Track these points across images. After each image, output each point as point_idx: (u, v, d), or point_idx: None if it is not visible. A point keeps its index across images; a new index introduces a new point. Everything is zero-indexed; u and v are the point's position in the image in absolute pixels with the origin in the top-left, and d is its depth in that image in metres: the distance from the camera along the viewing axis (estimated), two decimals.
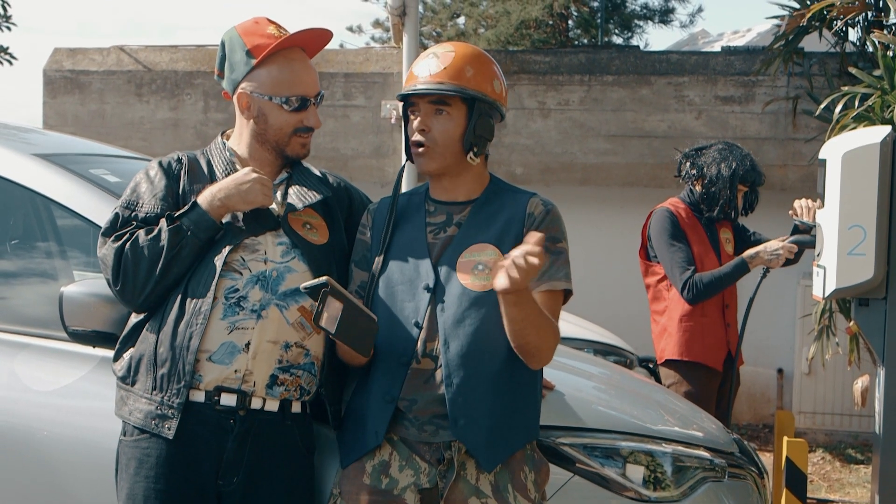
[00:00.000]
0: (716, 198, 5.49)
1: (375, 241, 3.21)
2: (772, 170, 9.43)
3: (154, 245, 3.10)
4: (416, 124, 3.13)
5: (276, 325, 3.13)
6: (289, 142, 3.33)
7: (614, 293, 9.44)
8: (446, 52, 3.14)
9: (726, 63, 9.70)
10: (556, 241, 3.11)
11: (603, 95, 9.73)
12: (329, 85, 10.02)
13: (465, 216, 3.14)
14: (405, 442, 3.04)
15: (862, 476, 7.92)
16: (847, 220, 4.43)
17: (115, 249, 3.12)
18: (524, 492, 3.02)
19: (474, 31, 18.59)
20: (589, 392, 4.06)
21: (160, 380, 3.08)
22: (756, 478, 3.87)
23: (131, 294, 3.13)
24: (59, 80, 10.46)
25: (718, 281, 5.35)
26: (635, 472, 3.43)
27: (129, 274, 3.10)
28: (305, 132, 3.35)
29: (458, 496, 2.99)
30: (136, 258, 3.09)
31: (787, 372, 9.54)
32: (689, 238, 5.45)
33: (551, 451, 3.33)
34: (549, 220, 3.11)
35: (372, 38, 24.02)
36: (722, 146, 5.59)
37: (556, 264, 3.09)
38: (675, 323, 5.46)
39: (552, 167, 9.83)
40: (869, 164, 4.41)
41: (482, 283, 3.02)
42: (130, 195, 3.25)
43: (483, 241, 3.08)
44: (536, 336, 2.96)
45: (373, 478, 3.03)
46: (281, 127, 3.30)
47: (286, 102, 3.29)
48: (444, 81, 3.09)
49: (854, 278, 4.44)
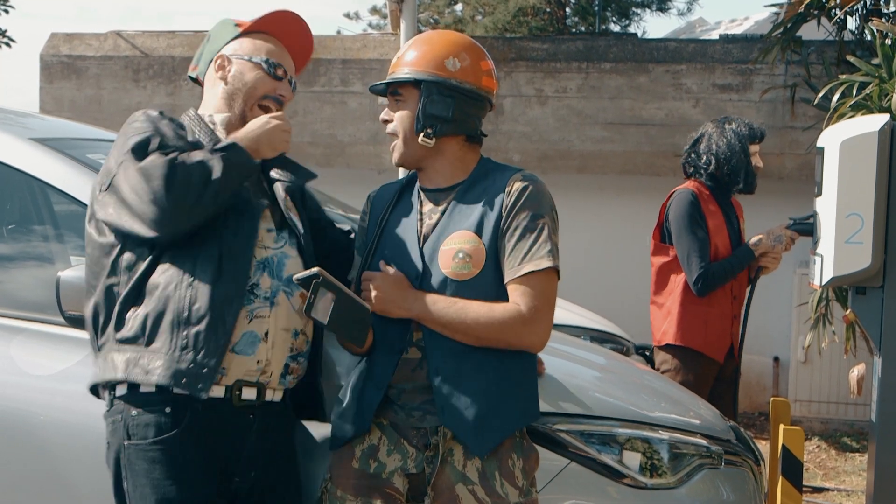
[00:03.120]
0: (738, 170, 5.44)
1: (372, 228, 3.21)
2: (769, 158, 9.42)
3: (205, 168, 2.93)
4: (381, 115, 3.19)
5: (286, 312, 3.09)
6: (252, 108, 3.22)
7: (611, 281, 9.44)
8: (411, 43, 3.18)
9: (724, 51, 9.69)
10: (535, 217, 3.01)
11: (600, 83, 9.72)
12: (326, 71, 10.00)
13: (450, 203, 3.12)
14: (394, 426, 3.04)
15: (857, 464, 7.93)
16: (845, 208, 4.43)
17: (168, 161, 2.92)
18: (511, 479, 3.00)
19: (472, 18, 18.58)
20: (585, 379, 4.06)
21: (195, 337, 2.92)
22: (752, 465, 3.87)
23: (181, 210, 2.91)
24: (55, 65, 10.44)
25: (727, 271, 5.33)
26: (632, 458, 3.43)
27: (183, 190, 2.89)
28: (275, 103, 3.24)
29: (445, 482, 2.98)
30: (190, 176, 2.91)
31: (783, 360, 9.56)
32: (707, 223, 5.41)
33: (548, 438, 3.33)
34: (528, 197, 3.03)
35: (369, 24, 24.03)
36: (713, 125, 5.56)
37: (538, 242, 3.00)
38: (679, 307, 5.40)
39: (549, 154, 9.82)
40: (867, 152, 4.41)
41: (465, 272, 3.01)
42: (151, 131, 3.07)
43: (463, 227, 3.04)
44: (467, 330, 2.98)
45: (361, 462, 3.04)
46: (255, 87, 3.23)
47: (266, 63, 3.24)
48: (394, 74, 3.12)
49: (851, 266, 4.44)
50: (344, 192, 7.73)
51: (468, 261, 3.01)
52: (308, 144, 9.88)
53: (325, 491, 3.09)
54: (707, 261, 5.32)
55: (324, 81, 9.96)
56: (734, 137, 5.43)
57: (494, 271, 3.02)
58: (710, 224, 5.41)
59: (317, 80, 9.93)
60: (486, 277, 3.01)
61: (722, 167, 5.44)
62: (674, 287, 5.45)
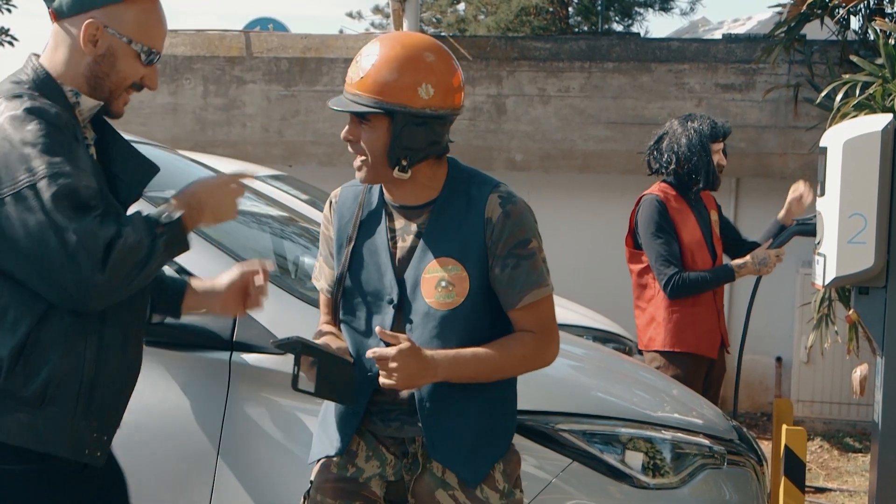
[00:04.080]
0: (697, 168, 5.42)
1: (341, 240, 3.07)
2: (772, 158, 9.43)
3: (141, 251, 2.61)
4: (343, 133, 2.94)
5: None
6: (120, 95, 2.86)
7: (613, 280, 9.42)
8: (369, 55, 2.89)
9: (727, 51, 9.68)
10: (524, 244, 2.93)
11: (603, 82, 9.71)
12: (329, 70, 10.00)
13: (425, 223, 2.98)
14: (372, 433, 3.01)
15: (860, 464, 7.92)
16: (847, 208, 4.42)
17: (105, 240, 2.56)
18: (492, 483, 2.96)
19: (474, 18, 18.60)
20: (588, 379, 4.06)
21: (99, 406, 2.75)
22: (755, 465, 3.87)
23: (105, 296, 2.61)
24: None
25: (701, 284, 5.31)
26: (634, 458, 3.43)
27: (116, 273, 2.58)
28: (137, 90, 2.89)
29: (425, 489, 2.95)
30: (125, 258, 2.59)
31: (785, 360, 9.55)
32: (677, 226, 5.40)
33: (550, 438, 3.33)
34: (511, 225, 2.91)
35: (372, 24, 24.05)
36: (677, 122, 5.55)
37: (530, 271, 2.93)
38: (663, 312, 5.38)
39: (552, 154, 9.81)
40: (870, 152, 4.40)
41: (450, 301, 2.91)
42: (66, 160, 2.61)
43: (445, 254, 2.93)
44: (491, 375, 2.94)
45: (339, 467, 3.01)
46: (126, 76, 2.83)
47: (146, 52, 2.84)
48: (358, 93, 2.86)
49: (854, 267, 4.43)
50: None
51: (451, 289, 2.91)
52: (310, 143, 9.88)
53: (306, 497, 3.05)
54: (677, 265, 5.30)
55: (326, 81, 9.96)
56: (695, 136, 5.42)
57: (478, 299, 2.93)
58: (679, 226, 5.39)
59: (319, 80, 9.93)
60: (470, 305, 2.92)
61: (683, 165, 5.44)
62: (654, 293, 5.43)
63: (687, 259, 5.36)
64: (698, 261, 5.38)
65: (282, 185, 6.89)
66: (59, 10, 2.80)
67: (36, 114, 2.63)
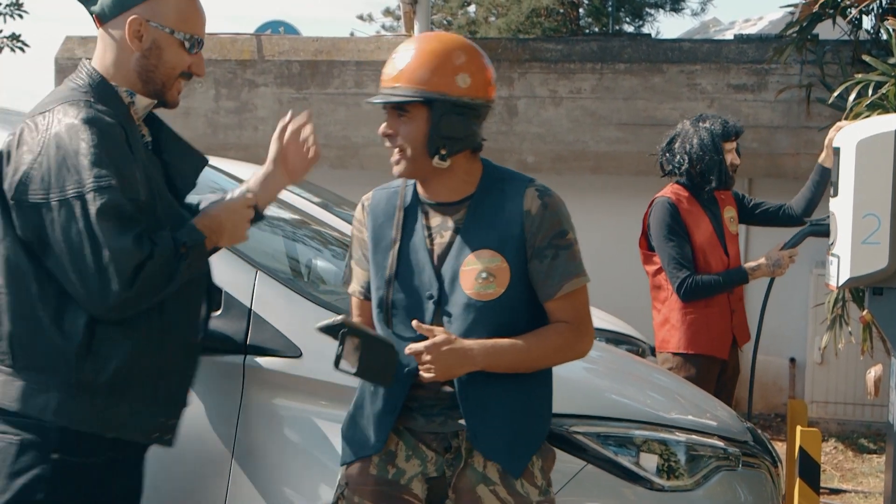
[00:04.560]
0: (710, 168, 5.42)
1: (378, 242, 3.08)
2: (784, 158, 9.41)
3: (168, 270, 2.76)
4: (381, 129, 3.00)
5: None
6: (172, 86, 3.00)
7: (627, 282, 9.40)
8: (406, 51, 2.97)
9: (739, 51, 9.66)
10: (562, 234, 3.00)
11: (614, 83, 9.70)
12: (340, 73, 10.00)
13: (462, 218, 3.02)
14: (411, 431, 3.02)
15: (875, 466, 7.90)
16: (861, 208, 4.41)
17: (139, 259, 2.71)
18: (531, 479, 3.00)
19: (485, 20, 18.61)
20: (602, 381, 4.05)
21: (165, 390, 2.94)
22: (770, 467, 3.86)
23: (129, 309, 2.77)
24: (70, 69, 10.38)
25: (714, 287, 5.31)
26: (649, 460, 3.42)
27: (144, 291, 2.74)
28: (188, 78, 3.02)
29: (466, 484, 2.97)
30: (153, 277, 2.74)
31: (799, 361, 9.53)
32: (689, 228, 5.39)
33: (565, 440, 3.32)
34: (549, 216, 2.98)
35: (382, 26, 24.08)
36: (688, 123, 5.55)
37: (568, 261, 3.00)
38: (678, 314, 5.39)
39: (564, 155, 9.81)
40: (883, 152, 4.39)
41: (488, 292, 2.95)
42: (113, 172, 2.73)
43: (485, 246, 2.97)
44: (528, 364, 2.99)
45: (379, 468, 3.01)
46: (174, 66, 2.96)
47: (189, 40, 2.96)
48: (398, 85, 2.94)
49: (868, 267, 4.42)
50: (358, 194, 7.70)
51: (492, 280, 2.95)
52: (322, 146, 9.80)
53: (342, 497, 3.05)
54: (689, 268, 5.30)
55: (338, 83, 9.97)
56: (707, 135, 5.42)
57: (517, 290, 2.98)
58: (692, 227, 5.39)
59: (331, 82, 9.94)
60: (510, 296, 2.97)
61: (695, 166, 5.44)
62: (668, 294, 5.43)
63: (699, 260, 5.36)
64: (711, 262, 5.38)
65: (293, 188, 6.88)
66: (101, 14, 2.94)
67: (91, 123, 2.76)
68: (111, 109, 2.85)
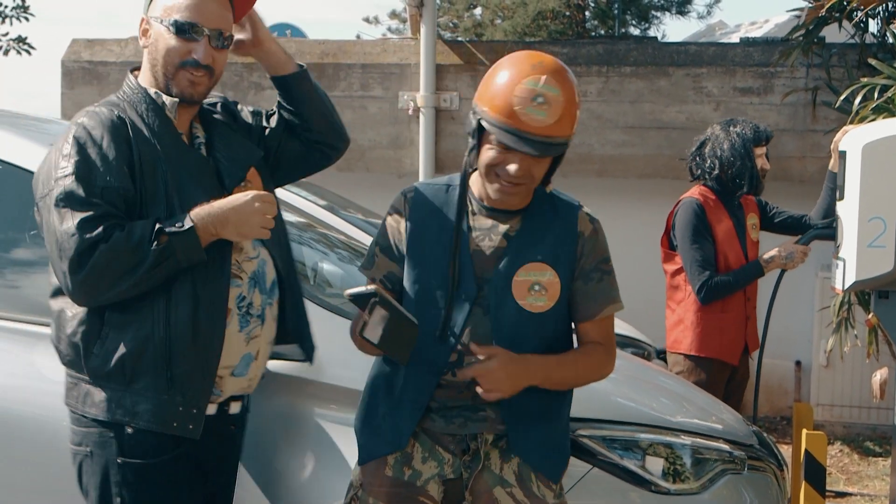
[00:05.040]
0: (742, 173, 5.43)
1: (416, 235, 3.04)
2: (790, 161, 9.39)
3: (133, 256, 2.79)
4: (515, 170, 2.89)
5: (270, 325, 3.09)
6: (175, 75, 2.99)
7: (632, 285, 9.34)
8: (554, 96, 2.91)
9: (745, 54, 9.66)
10: (607, 260, 3.11)
11: (621, 87, 9.70)
12: (346, 76, 10.00)
13: (517, 228, 3.02)
14: (427, 433, 3.02)
15: (880, 468, 7.89)
16: (867, 211, 4.41)
17: (84, 241, 2.78)
18: (547, 482, 3.02)
19: (491, 23, 18.58)
20: (608, 384, 4.04)
21: (180, 378, 2.91)
22: (775, 470, 3.86)
23: (89, 294, 2.85)
24: (77, 71, 10.47)
25: (733, 284, 5.33)
26: (655, 464, 3.43)
27: (95, 275, 2.80)
28: (194, 67, 2.99)
29: (483, 486, 2.99)
30: (109, 262, 2.79)
31: (804, 364, 9.51)
32: (714, 230, 5.41)
33: (571, 443, 3.32)
34: (599, 241, 3.09)
35: (388, 29, 24.05)
36: (718, 127, 5.57)
37: (610, 286, 3.10)
38: (692, 316, 5.41)
39: (570, 158, 9.68)
40: (889, 155, 4.39)
41: (540, 304, 2.99)
42: (81, 162, 2.86)
43: (539, 259, 3.00)
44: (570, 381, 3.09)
45: (395, 470, 3.01)
46: (168, 54, 2.98)
47: (174, 25, 2.97)
48: (554, 136, 2.91)
49: (874, 270, 4.42)
50: (364, 197, 7.75)
51: (544, 294, 2.99)
52: None
53: (356, 498, 3.04)
54: (711, 270, 5.31)
55: (344, 86, 9.97)
56: (738, 140, 5.44)
57: (563, 306, 3.05)
58: (717, 231, 5.41)
59: (337, 85, 9.94)
60: (556, 311, 3.03)
61: (726, 171, 5.45)
62: (685, 295, 5.44)
63: (720, 263, 5.38)
64: (732, 266, 5.40)
65: (299, 191, 6.89)
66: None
67: (84, 118, 2.95)
68: (137, 111, 2.97)
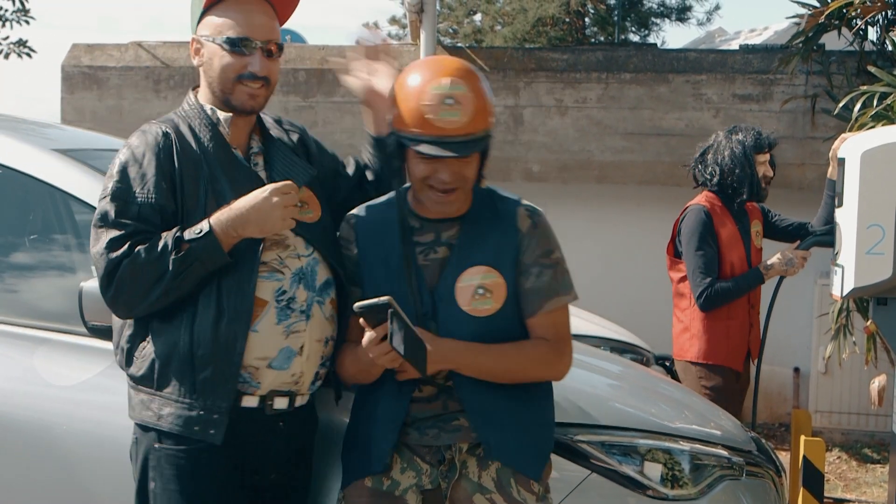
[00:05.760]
0: (742, 180, 5.44)
1: (367, 259, 3.07)
2: (790, 168, 9.40)
3: (156, 268, 2.90)
4: (446, 177, 2.91)
5: (319, 322, 3.08)
6: (233, 90, 3.07)
7: (630, 291, 9.42)
8: (462, 94, 2.89)
9: (744, 61, 9.67)
10: (549, 253, 3.05)
11: (620, 93, 9.71)
12: None
13: (456, 235, 3.03)
14: (406, 445, 3.03)
15: (878, 475, 7.89)
16: (866, 218, 4.42)
17: (111, 261, 2.92)
18: (527, 486, 3.01)
19: (491, 29, 18.61)
20: (606, 389, 4.06)
21: (202, 384, 2.95)
22: (774, 476, 3.86)
23: (124, 308, 2.99)
24: (77, 76, 10.48)
25: (733, 291, 5.33)
26: (653, 469, 3.43)
27: (125, 291, 2.93)
28: (251, 80, 3.07)
29: (462, 494, 3.00)
30: (135, 276, 2.91)
31: (803, 371, 9.52)
32: (719, 237, 5.41)
33: (569, 449, 3.33)
34: (539, 235, 3.04)
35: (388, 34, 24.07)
36: (722, 135, 5.58)
37: (555, 277, 3.05)
38: (698, 323, 5.41)
39: (569, 165, 9.81)
40: (888, 162, 4.40)
41: (486, 308, 2.99)
42: (119, 182, 2.99)
43: (481, 262, 2.99)
44: (505, 371, 3.00)
45: (374, 481, 3.02)
46: (223, 70, 3.06)
47: (227, 42, 3.05)
48: (473, 133, 2.90)
49: (872, 277, 4.43)
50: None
51: (489, 296, 2.99)
52: None
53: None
54: (713, 277, 5.32)
55: (344, 91, 9.93)
56: (739, 147, 5.44)
57: (513, 306, 3.02)
58: (723, 238, 5.41)
59: (337, 90, 9.94)
60: (506, 312, 3.01)
61: (727, 177, 5.45)
62: (691, 303, 5.45)
63: (725, 270, 5.38)
64: (736, 273, 5.40)
65: None
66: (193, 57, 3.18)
67: (134, 138, 3.06)
68: (190, 126, 3.07)
